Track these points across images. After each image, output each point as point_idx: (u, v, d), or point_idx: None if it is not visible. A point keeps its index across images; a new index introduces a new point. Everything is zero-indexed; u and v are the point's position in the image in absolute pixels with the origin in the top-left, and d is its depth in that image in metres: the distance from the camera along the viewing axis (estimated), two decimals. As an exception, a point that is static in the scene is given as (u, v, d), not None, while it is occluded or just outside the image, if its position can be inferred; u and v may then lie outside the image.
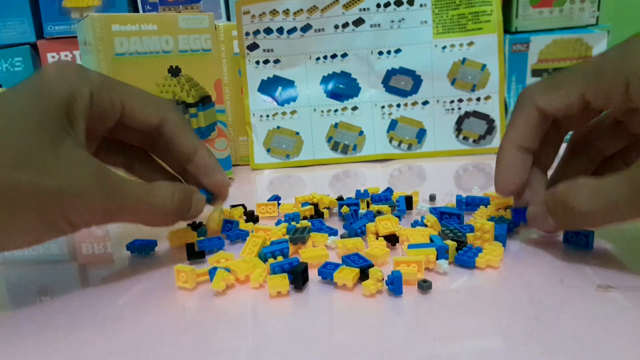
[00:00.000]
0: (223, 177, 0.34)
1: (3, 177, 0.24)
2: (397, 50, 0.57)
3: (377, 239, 0.32)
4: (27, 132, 0.25)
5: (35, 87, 0.27)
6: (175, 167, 0.36)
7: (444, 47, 0.56)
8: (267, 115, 0.58)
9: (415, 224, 0.34)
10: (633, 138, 0.30)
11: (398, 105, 0.57)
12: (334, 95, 0.58)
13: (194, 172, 0.33)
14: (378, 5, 0.56)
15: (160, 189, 0.29)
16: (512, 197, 0.32)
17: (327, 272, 0.27)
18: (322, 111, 0.58)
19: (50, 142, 0.25)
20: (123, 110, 0.30)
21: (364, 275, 0.27)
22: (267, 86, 0.58)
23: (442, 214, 0.34)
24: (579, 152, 0.33)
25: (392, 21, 0.56)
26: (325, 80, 0.58)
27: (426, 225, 0.33)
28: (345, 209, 0.37)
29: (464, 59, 0.56)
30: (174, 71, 0.46)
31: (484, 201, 0.37)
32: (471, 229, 0.31)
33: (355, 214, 0.35)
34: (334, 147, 0.58)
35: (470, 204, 0.37)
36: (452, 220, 0.34)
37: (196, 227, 0.36)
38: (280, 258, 0.28)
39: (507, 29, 0.57)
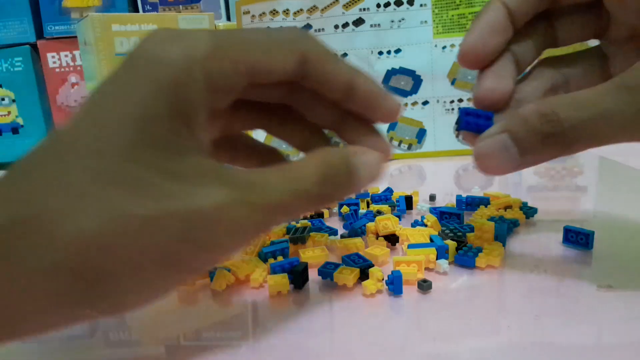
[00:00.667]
0: (392, 103, 0.25)
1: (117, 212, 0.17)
2: (397, 50, 0.57)
3: (377, 238, 0.32)
4: (127, 150, 0.18)
5: (128, 84, 0.19)
6: (327, 118, 0.26)
7: (444, 47, 0.56)
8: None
9: (415, 224, 0.34)
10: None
11: (398, 105, 0.57)
12: (334, 95, 0.58)
13: (358, 110, 0.25)
14: (378, 5, 0.56)
15: (300, 169, 0.21)
16: (475, 70, 0.27)
17: (327, 271, 0.27)
18: (322, 111, 0.58)
19: (159, 156, 0.18)
20: (254, 72, 0.22)
21: (364, 275, 0.27)
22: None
23: (442, 214, 0.34)
24: (551, 76, 0.28)
25: (392, 21, 0.56)
26: (325, 80, 0.58)
27: (426, 225, 0.33)
28: (345, 208, 0.37)
29: (464, 59, 0.56)
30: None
31: (484, 201, 0.37)
32: (471, 228, 0.31)
33: (355, 213, 0.35)
34: (334, 147, 0.58)
35: (470, 203, 0.37)
36: (452, 220, 0.34)
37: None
38: (280, 258, 0.28)
39: (507, 29, 0.57)
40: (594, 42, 0.29)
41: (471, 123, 0.25)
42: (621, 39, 0.27)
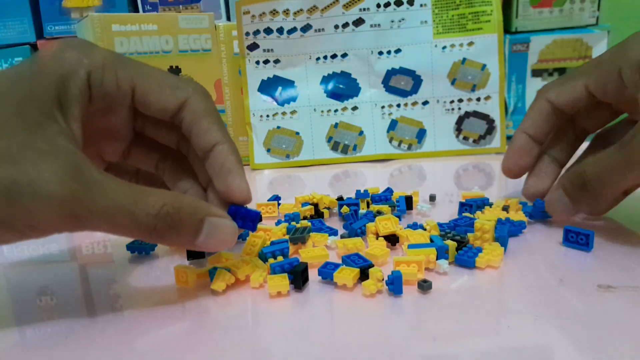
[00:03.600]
0: (240, 183, 0.26)
1: None
2: (397, 50, 0.57)
3: (377, 239, 0.32)
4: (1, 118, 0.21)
5: (28, 68, 0.23)
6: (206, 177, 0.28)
7: (444, 47, 0.56)
8: (267, 115, 0.58)
9: (415, 227, 0.33)
10: None
11: (398, 105, 0.57)
12: (334, 95, 0.58)
13: (211, 174, 0.27)
14: (378, 5, 0.56)
15: (151, 196, 0.23)
16: (514, 177, 0.36)
17: (327, 272, 0.27)
18: (322, 111, 0.58)
19: (25, 129, 0.21)
20: (134, 93, 0.25)
21: (364, 275, 0.27)
22: (267, 86, 0.58)
23: (462, 205, 0.36)
24: (599, 146, 0.34)
25: (392, 21, 0.56)
26: (325, 80, 0.58)
27: (425, 229, 0.33)
28: (345, 209, 0.37)
29: (464, 59, 0.56)
30: (174, 71, 0.46)
31: (486, 203, 0.37)
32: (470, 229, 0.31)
33: (355, 214, 0.35)
34: (334, 147, 0.58)
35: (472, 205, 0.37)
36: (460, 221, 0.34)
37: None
38: (280, 258, 0.28)
39: (507, 29, 0.57)
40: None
41: (537, 209, 0.34)
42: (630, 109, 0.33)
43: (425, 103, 0.57)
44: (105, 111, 0.25)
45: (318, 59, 0.58)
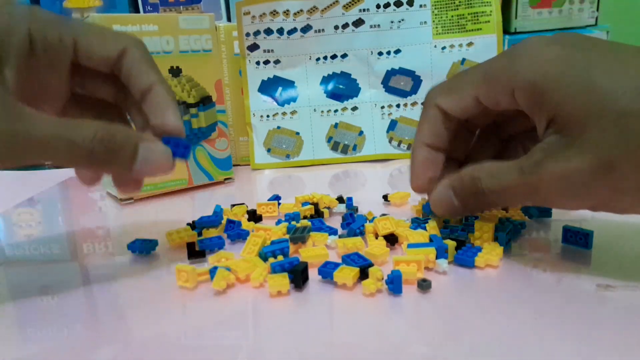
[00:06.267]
0: (174, 120, 0.29)
1: None
2: (397, 51, 0.57)
3: (376, 238, 0.32)
4: None
5: None
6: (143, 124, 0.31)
7: (444, 48, 0.56)
8: (268, 116, 0.58)
9: (415, 227, 0.33)
10: (532, 125, 0.31)
11: (398, 106, 0.58)
12: (334, 95, 0.58)
13: (147, 112, 0.29)
14: (378, 6, 0.56)
15: (84, 125, 0.25)
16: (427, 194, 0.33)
17: (327, 271, 0.27)
18: (322, 111, 0.58)
19: None
20: (77, 47, 0.27)
21: (363, 275, 0.27)
22: (268, 86, 0.58)
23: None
24: (487, 135, 0.34)
25: (392, 22, 0.56)
26: (325, 80, 0.58)
27: (426, 229, 0.33)
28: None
29: (464, 60, 0.56)
30: (175, 71, 0.46)
31: None
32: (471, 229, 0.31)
33: (352, 216, 0.36)
34: (334, 147, 0.58)
35: None
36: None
37: (195, 226, 0.36)
38: (280, 257, 0.29)
39: (506, 29, 0.57)
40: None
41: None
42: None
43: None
44: (46, 67, 0.26)
45: (318, 59, 0.58)
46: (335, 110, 0.58)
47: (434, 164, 0.32)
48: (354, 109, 0.58)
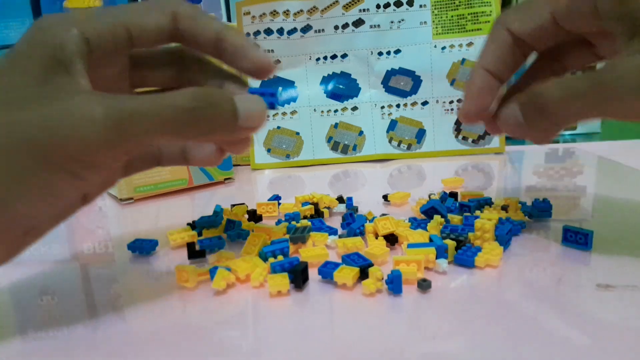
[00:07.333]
0: (260, 54, 0.27)
1: None
2: (397, 51, 0.57)
3: (376, 238, 0.32)
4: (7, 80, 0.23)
5: (27, 45, 0.25)
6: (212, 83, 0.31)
7: (444, 48, 0.56)
8: (268, 116, 0.58)
9: (416, 227, 0.34)
10: (598, 59, 0.30)
11: (398, 106, 0.58)
12: (334, 95, 0.58)
13: (229, 62, 0.28)
14: (378, 6, 0.56)
15: (178, 92, 0.24)
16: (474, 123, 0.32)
17: (327, 271, 0.27)
18: (322, 111, 0.58)
19: (36, 82, 0.23)
20: (130, 31, 0.26)
21: (363, 275, 0.27)
22: (268, 86, 0.58)
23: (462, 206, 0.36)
24: (543, 65, 0.33)
25: (392, 22, 0.57)
26: (325, 80, 0.58)
27: (427, 230, 0.33)
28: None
29: (464, 60, 0.56)
30: (175, 71, 0.46)
31: (488, 202, 0.37)
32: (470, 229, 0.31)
33: (352, 216, 0.36)
34: (334, 147, 0.58)
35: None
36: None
37: (195, 226, 0.36)
38: (280, 257, 0.29)
39: (506, 29, 0.57)
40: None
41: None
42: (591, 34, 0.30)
43: (424, 103, 0.57)
44: (104, 63, 0.26)
45: (318, 59, 0.58)
46: (335, 110, 0.58)
47: (491, 93, 0.30)
48: (354, 109, 0.58)
